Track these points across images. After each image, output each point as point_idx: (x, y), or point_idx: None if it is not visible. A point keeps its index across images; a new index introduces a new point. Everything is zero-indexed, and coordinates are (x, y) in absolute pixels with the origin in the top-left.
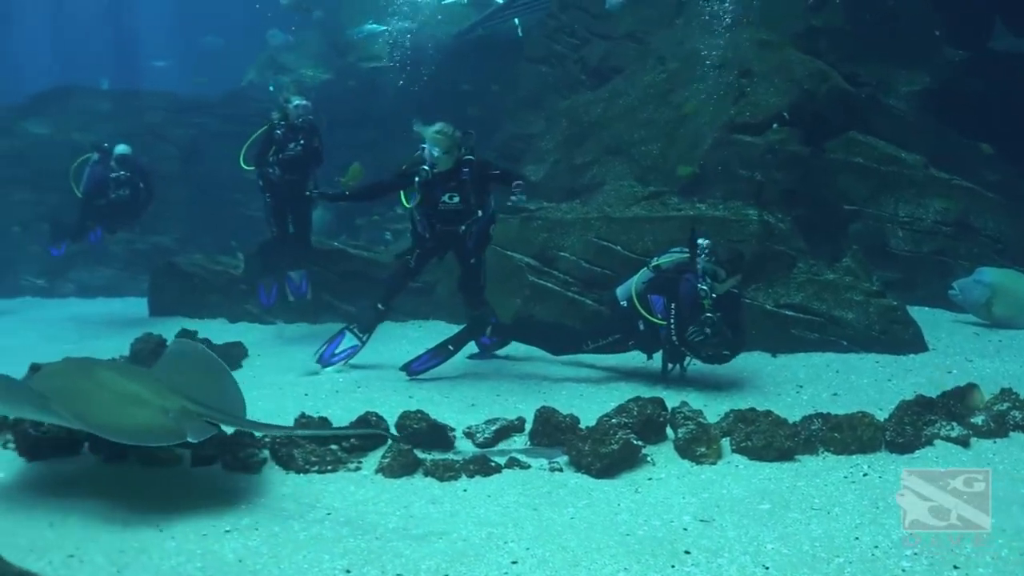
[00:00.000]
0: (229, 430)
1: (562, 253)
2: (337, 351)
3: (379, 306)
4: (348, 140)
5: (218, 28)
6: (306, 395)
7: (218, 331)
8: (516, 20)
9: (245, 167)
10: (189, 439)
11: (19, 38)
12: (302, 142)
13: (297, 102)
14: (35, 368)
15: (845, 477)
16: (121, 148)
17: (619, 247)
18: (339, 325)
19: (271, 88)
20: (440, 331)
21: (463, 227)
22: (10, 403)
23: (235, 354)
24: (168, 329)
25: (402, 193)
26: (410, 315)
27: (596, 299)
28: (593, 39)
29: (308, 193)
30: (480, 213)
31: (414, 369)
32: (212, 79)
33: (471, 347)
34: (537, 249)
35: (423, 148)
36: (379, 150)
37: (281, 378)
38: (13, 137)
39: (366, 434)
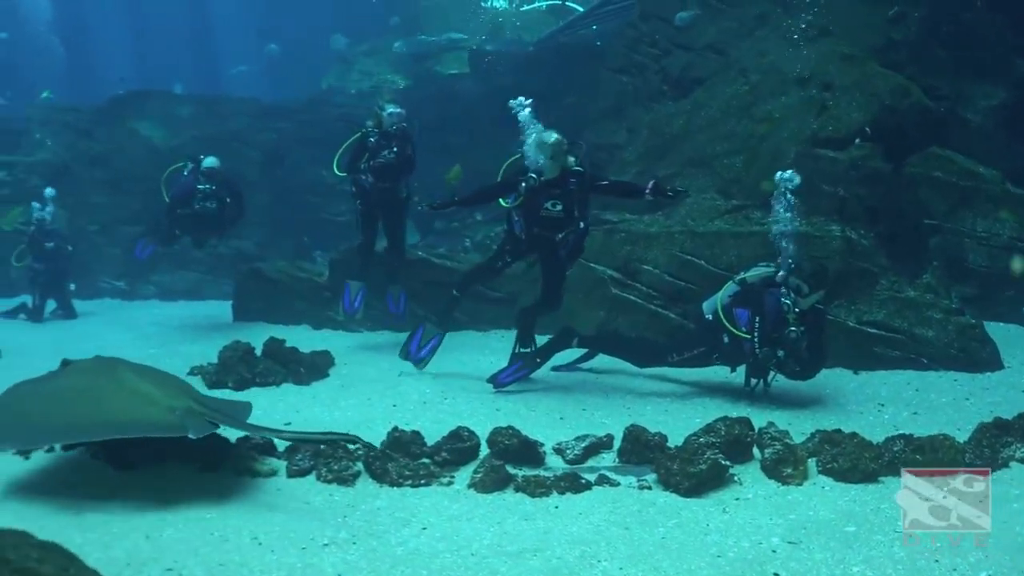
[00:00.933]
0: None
1: (645, 266)
2: (422, 345)
3: (454, 292)
4: (431, 145)
5: (293, 32)
6: (394, 406)
7: (302, 338)
8: (594, 27)
9: (338, 173)
10: (190, 435)
11: (97, 43)
12: (396, 149)
13: (391, 110)
14: (66, 363)
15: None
16: (209, 161)
17: (703, 261)
18: None
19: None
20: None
21: (560, 235)
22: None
23: (322, 363)
24: (253, 335)
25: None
26: (492, 325)
27: (679, 313)
28: (674, 50)
29: (419, 207)
30: (581, 224)
31: (500, 381)
32: (280, 85)
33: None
34: (620, 262)
35: (521, 153)
36: (462, 155)
37: (369, 388)
38: (92, 140)
39: (340, 440)
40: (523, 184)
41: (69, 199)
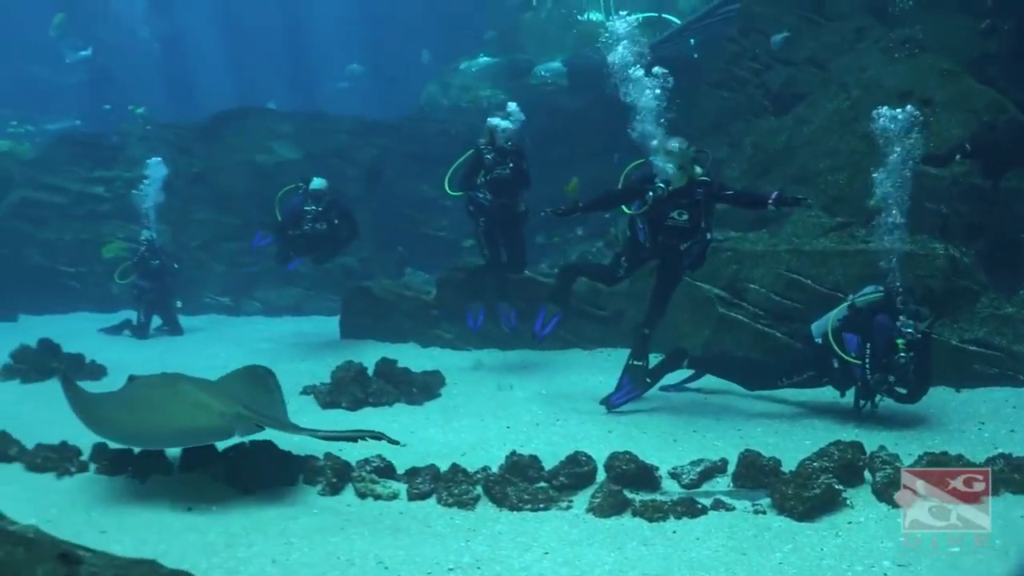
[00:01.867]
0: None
1: (752, 285)
2: (545, 324)
3: (567, 271)
4: (533, 159)
5: (393, 47)
6: (508, 428)
7: (410, 356)
8: (692, 40)
9: (451, 193)
10: (237, 436)
11: (195, 60)
12: (511, 165)
13: (505, 125)
14: (132, 378)
15: (1022, 516)
16: (316, 183)
17: (809, 280)
18: (528, 351)
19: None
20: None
21: (685, 245)
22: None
23: (433, 383)
24: (361, 353)
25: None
26: (598, 343)
27: (786, 332)
28: (775, 64)
29: (543, 213)
30: (707, 235)
31: (613, 403)
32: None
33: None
34: (726, 281)
35: (645, 159)
36: (564, 168)
37: (481, 408)
38: (192, 157)
39: (366, 435)
40: (650, 193)
41: (171, 215)
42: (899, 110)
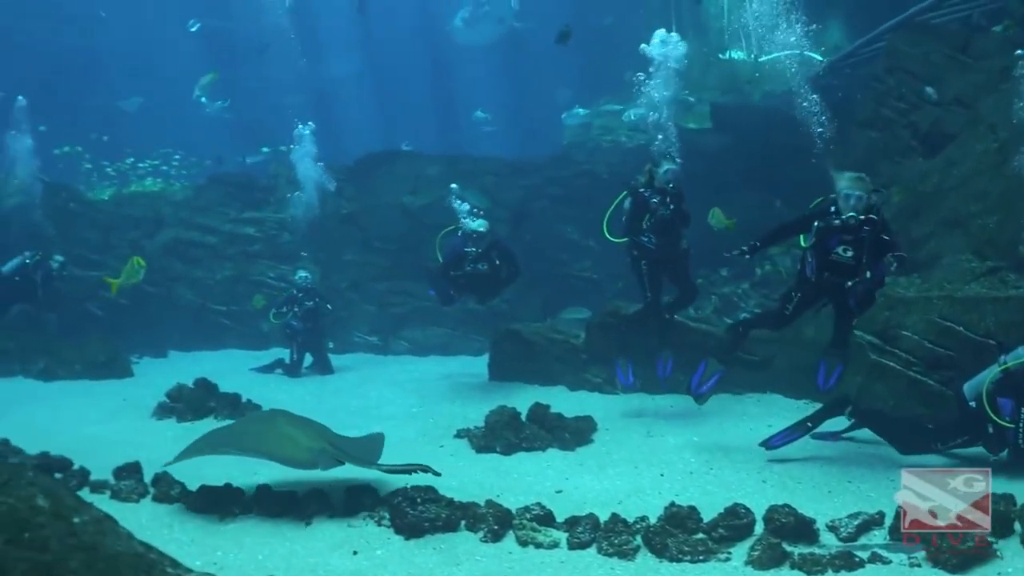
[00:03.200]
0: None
1: (904, 332)
2: (704, 381)
3: (738, 328)
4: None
5: (536, 87)
6: (662, 476)
7: (559, 399)
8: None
9: (612, 239)
10: (319, 468)
11: (343, 104)
12: (672, 206)
13: (667, 167)
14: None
15: None
16: (474, 224)
17: (961, 328)
18: (677, 396)
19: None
20: (778, 405)
21: (849, 283)
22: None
23: (585, 429)
24: (510, 396)
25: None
26: (747, 388)
27: (939, 380)
28: (923, 104)
29: (727, 255)
30: (869, 273)
31: (772, 444)
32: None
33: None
34: (879, 327)
35: (831, 196)
36: (709, 208)
37: (634, 455)
38: (341, 198)
39: (417, 468)
40: (816, 224)
41: (321, 255)
42: None
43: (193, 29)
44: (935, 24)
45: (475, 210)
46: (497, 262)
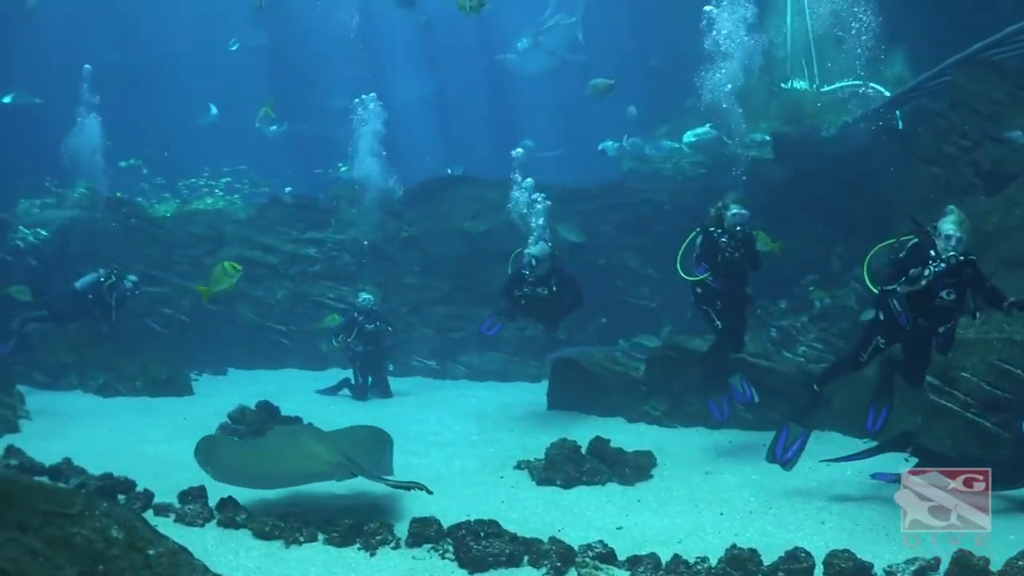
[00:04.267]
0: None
1: (963, 374)
2: (788, 446)
3: (814, 387)
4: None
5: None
6: (721, 515)
7: (617, 431)
8: (898, 112)
9: (686, 278)
10: (334, 479)
11: (404, 127)
12: (742, 249)
13: (736, 210)
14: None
15: None
16: (534, 248)
17: (1020, 371)
18: (736, 431)
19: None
20: (836, 442)
21: (944, 327)
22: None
23: (645, 464)
24: (568, 426)
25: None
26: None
27: (996, 422)
28: (985, 141)
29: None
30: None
31: (876, 476)
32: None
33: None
34: (938, 368)
35: (920, 234)
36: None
37: (693, 493)
38: (402, 221)
39: (415, 486)
40: (928, 269)
41: (382, 279)
42: None
43: (233, 48)
44: (997, 60)
45: (542, 234)
46: (554, 288)
